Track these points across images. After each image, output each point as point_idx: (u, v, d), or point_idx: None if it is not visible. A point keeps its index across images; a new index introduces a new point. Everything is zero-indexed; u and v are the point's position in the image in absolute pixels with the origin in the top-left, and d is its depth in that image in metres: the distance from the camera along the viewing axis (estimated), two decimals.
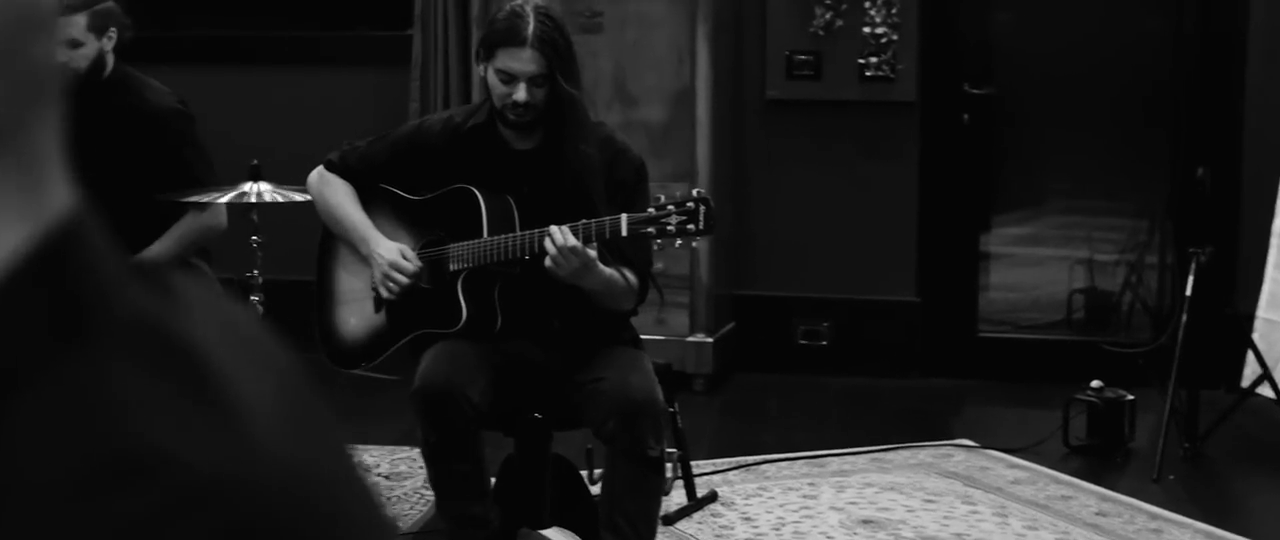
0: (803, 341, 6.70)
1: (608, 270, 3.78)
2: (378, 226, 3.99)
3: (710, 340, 6.36)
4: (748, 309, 6.73)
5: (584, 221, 3.67)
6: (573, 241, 3.68)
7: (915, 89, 6.49)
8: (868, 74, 6.47)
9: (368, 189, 4.05)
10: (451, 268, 3.86)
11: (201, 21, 7.18)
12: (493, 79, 3.83)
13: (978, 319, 6.73)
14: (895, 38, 6.43)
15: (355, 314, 4.05)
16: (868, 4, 6.43)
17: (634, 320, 4.06)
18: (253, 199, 4.67)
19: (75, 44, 4.79)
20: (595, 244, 3.70)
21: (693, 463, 5.32)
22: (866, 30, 6.45)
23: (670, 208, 3.60)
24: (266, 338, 0.75)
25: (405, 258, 3.90)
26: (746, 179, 6.69)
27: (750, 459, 5.43)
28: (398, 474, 5.17)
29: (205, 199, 4.69)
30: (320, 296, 4.17)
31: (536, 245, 3.70)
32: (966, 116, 6.59)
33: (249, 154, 4.67)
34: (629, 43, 6.31)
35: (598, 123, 3.96)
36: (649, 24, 6.30)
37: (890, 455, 5.48)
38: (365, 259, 3.97)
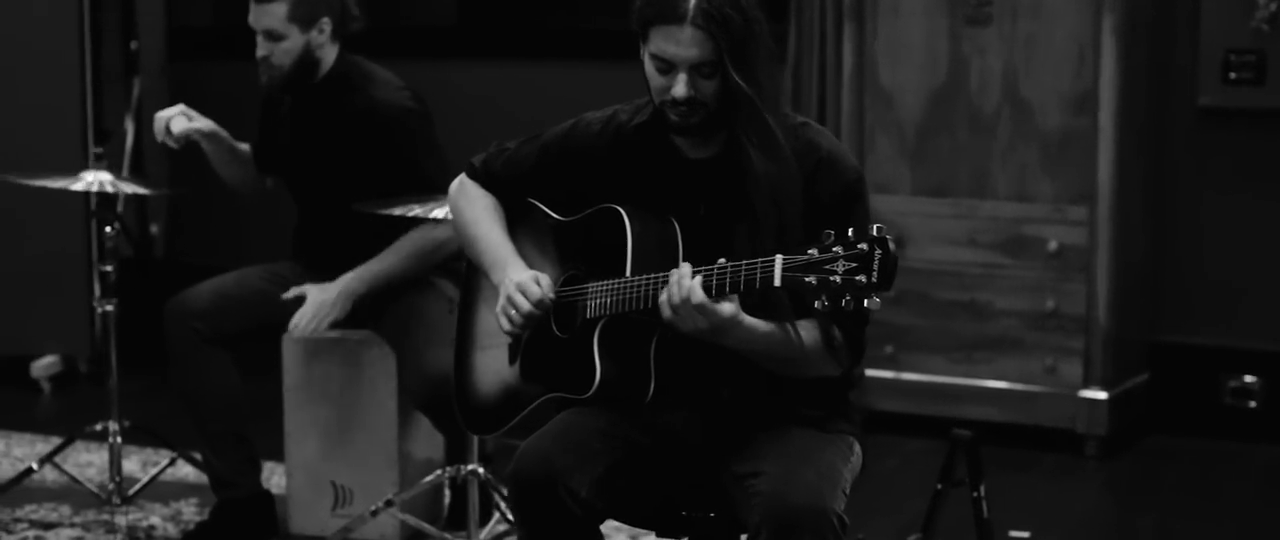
0: (1230, 401, 5.51)
1: (762, 327, 2.86)
2: (523, 254, 3.17)
3: (1105, 396, 5.27)
4: (1164, 359, 5.59)
5: (720, 264, 2.78)
6: (698, 296, 2.78)
7: None
8: None
9: (519, 204, 3.25)
10: (588, 314, 3.02)
11: (566, 13, 6.56)
12: (649, 68, 2.95)
13: None
14: None
15: (492, 364, 3.24)
16: None
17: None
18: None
19: (274, 36, 4.21)
20: (734, 296, 2.79)
21: None
22: None
23: (837, 250, 2.66)
24: None
25: (538, 284, 3.04)
26: (1167, 202, 5.55)
27: None
28: None
29: (422, 213, 4.01)
30: (459, 339, 3.37)
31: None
32: None
33: None
34: (1022, 37, 5.29)
35: (801, 122, 3.01)
36: (1047, 15, 5.26)
37: None
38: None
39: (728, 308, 2.78)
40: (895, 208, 5.48)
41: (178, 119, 4.35)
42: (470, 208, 3.24)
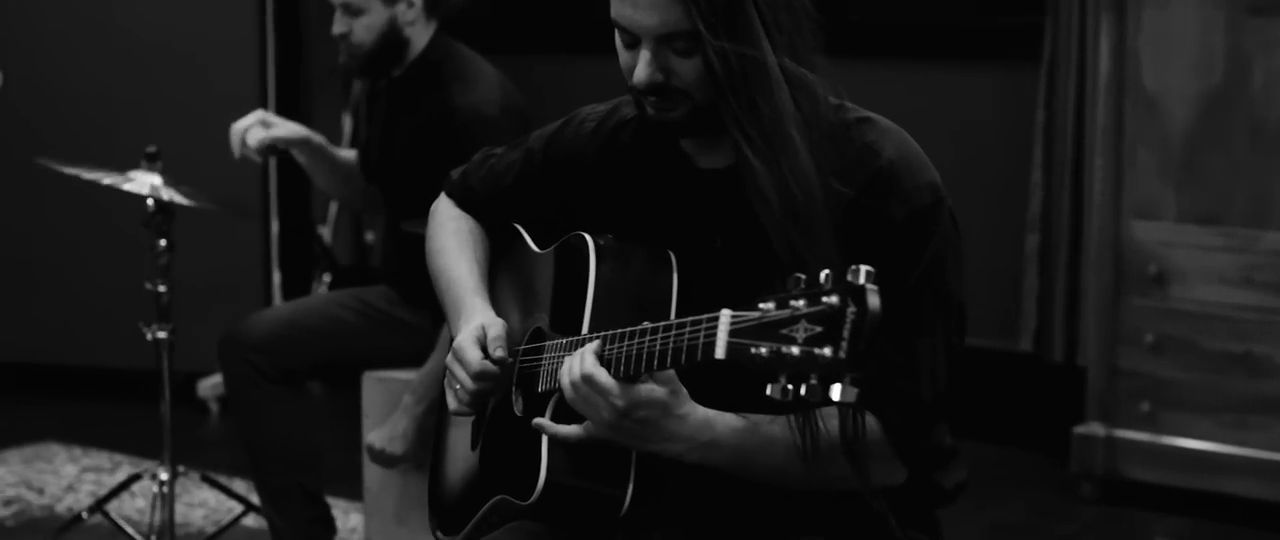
0: None
1: (734, 424, 2.06)
2: (497, 300, 2.41)
3: None
4: None
5: (646, 326, 1.98)
6: (589, 367, 1.99)
7: None
8: None
9: (506, 230, 2.48)
10: (540, 386, 2.25)
11: None
12: (618, 43, 2.16)
13: None
14: None
15: (461, 445, 2.48)
16: None
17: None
18: None
19: (352, 10, 3.59)
20: (647, 372, 1.97)
21: None
22: None
23: (798, 306, 1.76)
24: None
25: (482, 343, 2.27)
26: None
27: None
28: None
29: None
30: (440, 410, 2.62)
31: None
32: None
33: None
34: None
35: (859, 118, 2.16)
36: None
37: None
38: None
39: (648, 390, 1.98)
40: (1156, 236, 4.56)
41: (254, 129, 3.73)
42: (439, 236, 2.50)
